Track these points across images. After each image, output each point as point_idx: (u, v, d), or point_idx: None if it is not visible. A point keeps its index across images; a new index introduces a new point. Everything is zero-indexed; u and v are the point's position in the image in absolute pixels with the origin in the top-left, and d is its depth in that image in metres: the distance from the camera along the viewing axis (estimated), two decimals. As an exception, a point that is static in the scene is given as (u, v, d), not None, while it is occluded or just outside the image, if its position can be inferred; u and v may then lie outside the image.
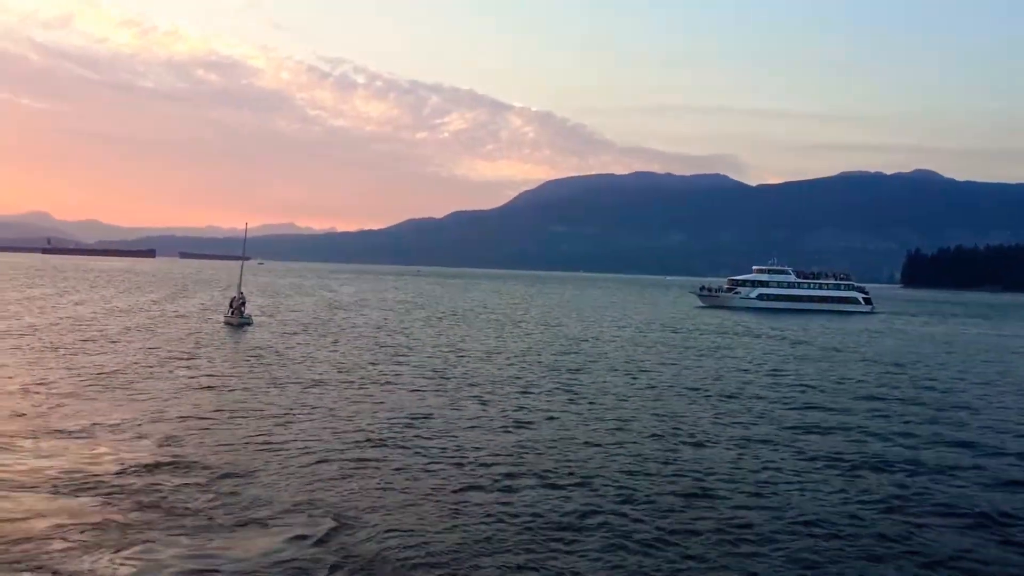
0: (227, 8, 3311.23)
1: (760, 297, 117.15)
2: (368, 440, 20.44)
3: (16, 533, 12.81)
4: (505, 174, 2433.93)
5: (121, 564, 11.88)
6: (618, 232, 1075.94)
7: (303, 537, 13.31)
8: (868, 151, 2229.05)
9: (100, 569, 11.67)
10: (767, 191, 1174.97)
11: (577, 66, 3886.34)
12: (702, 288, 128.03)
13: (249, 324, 51.95)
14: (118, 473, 16.43)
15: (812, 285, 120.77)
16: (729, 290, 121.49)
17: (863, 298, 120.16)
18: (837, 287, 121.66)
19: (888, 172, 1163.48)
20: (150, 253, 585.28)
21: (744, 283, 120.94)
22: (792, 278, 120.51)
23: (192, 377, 29.75)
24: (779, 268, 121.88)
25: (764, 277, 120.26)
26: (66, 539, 12.70)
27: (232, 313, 53.13)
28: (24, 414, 21.81)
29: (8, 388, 25.70)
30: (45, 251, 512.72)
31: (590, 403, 27.42)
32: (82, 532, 13.02)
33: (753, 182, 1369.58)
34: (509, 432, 22.23)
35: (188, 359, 34.78)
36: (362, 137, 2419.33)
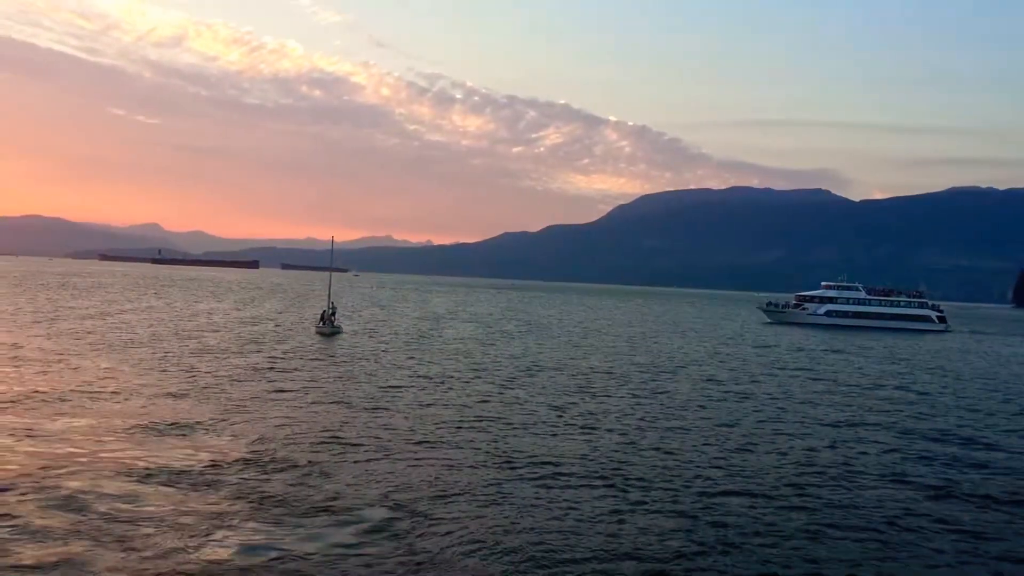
0: (332, 26, 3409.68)
1: (828, 314, 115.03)
2: (440, 441, 21.91)
3: (122, 516, 14.45)
4: (600, 188, 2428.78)
5: (213, 547, 13.31)
6: (713, 248, 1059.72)
7: (375, 529, 14.60)
8: (980, 165, 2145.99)
9: (193, 551, 13.09)
10: (871, 207, 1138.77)
11: (674, 80, 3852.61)
12: (768, 304, 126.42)
13: (339, 333, 54.24)
14: (211, 466, 18.14)
15: (883, 302, 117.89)
16: (796, 306, 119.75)
17: (937, 316, 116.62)
18: (909, 304, 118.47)
19: (1001, 187, 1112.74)
20: (253, 264, 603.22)
21: (812, 299, 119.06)
22: (862, 295, 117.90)
23: (282, 382, 31.72)
24: (848, 284, 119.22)
25: (832, 293, 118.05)
26: (165, 523, 14.27)
27: (323, 323, 55.56)
28: (132, 412, 23.93)
29: (116, 388, 28.04)
30: (155, 261, 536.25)
31: (656, 408, 28.22)
32: (179, 517, 14.59)
33: (856, 197, 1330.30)
34: (579, 436, 23.24)
35: (280, 366, 36.91)
36: (459, 151, 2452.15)
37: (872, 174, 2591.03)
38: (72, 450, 18.85)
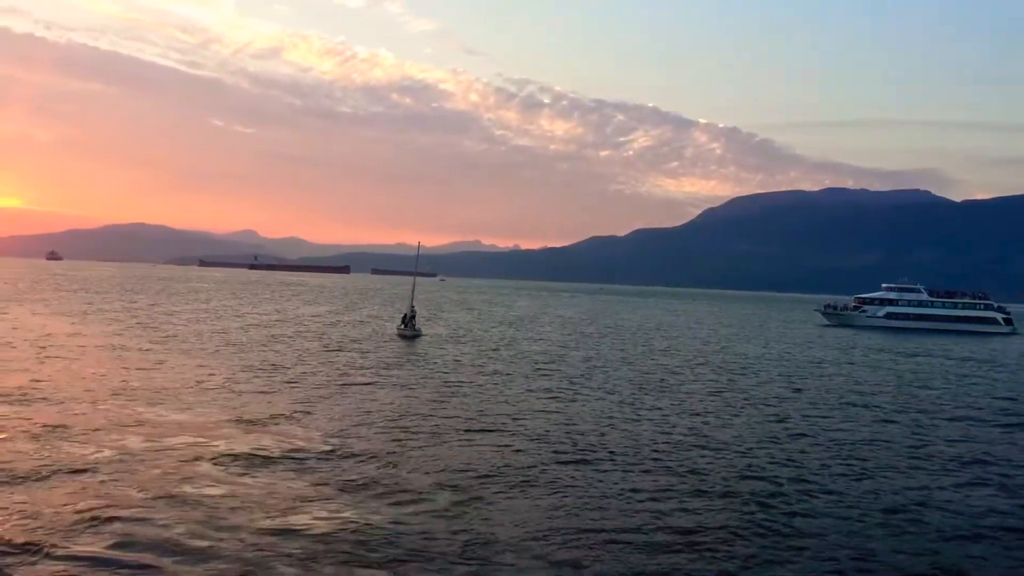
0: (423, 35, 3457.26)
1: (888, 316, 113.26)
2: (504, 432, 23.67)
3: (220, 497, 16.49)
4: (689, 191, 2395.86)
5: (299, 524, 15.12)
6: (806, 251, 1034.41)
7: (440, 510, 16.29)
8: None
9: (282, 527, 14.88)
10: (974, 208, 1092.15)
11: (766, 81, 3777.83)
12: (826, 306, 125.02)
13: (419, 336, 56.63)
14: (297, 453, 20.29)
15: (946, 304, 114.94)
16: (855, 308, 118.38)
17: (1003, 319, 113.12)
18: (974, 306, 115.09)
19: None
20: (345, 269, 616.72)
21: (872, 301, 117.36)
22: (924, 296, 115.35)
23: (361, 380, 34.06)
24: (910, 286, 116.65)
25: (893, 295, 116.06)
26: (258, 503, 16.26)
27: (404, 326, 58.08)
28: (227, 406, 26.50)
29: (211, 384, 30.79)
30: (251, 267, 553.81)
31: (718, 406, 29.47)
32: (268, 498, 16.59)
33: (958, 198, 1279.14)
34: (647, 430, 24.72)
35: (360, 365, 39.39)
36: (546, 156, 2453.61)
37: (974, 173, 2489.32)
38: (176, 439, 21.25)
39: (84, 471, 17.72)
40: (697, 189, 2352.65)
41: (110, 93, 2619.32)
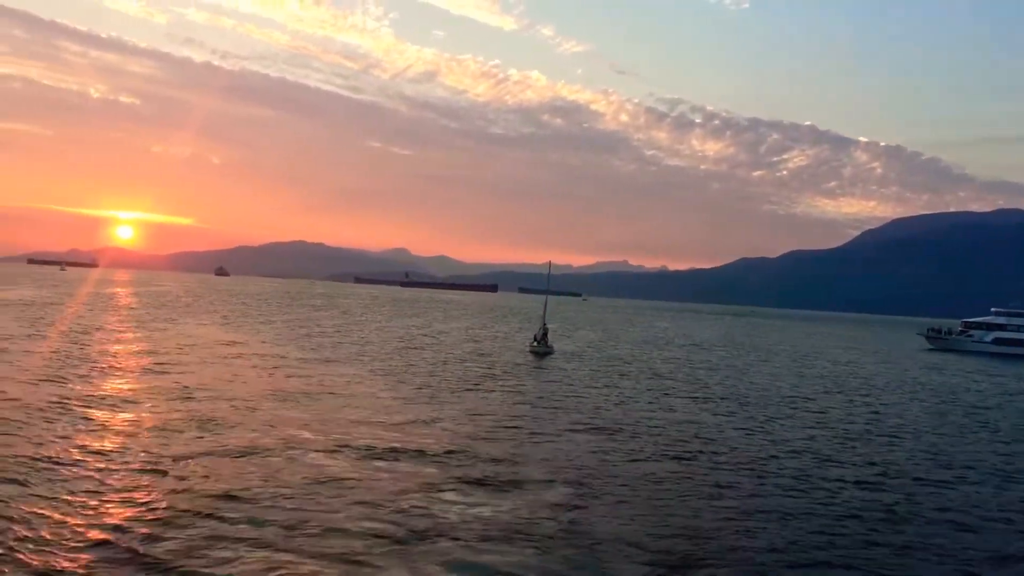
0: (574, 56, 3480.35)
1: (996, 341, 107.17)
2: (619, 439, 25.49)
3: (361, 485, 18.95)
4: (847, 212, 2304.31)
5: (429, 510, 17.28)
6: (973, 274, 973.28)
7: (553, 504, 18.16)
8: None
9: (413, 513, 17.01)
10: None
11: (932, 96, 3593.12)
12: (930, 330, 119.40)
13: (550, 353, 58.88)
14: (429, 451, 22.78)
15: None
16: (962, 333, 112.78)
17: None
18: None
19: None
20: (492, 287, 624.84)
21: (979, 326, 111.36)
22: None
23: (490, 390, 36.71)
24: (1021, 311, 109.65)
25: (1002, 320, 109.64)
26: (395, 491, 18.66)
27: (537, 342, 60.51)
28: (370, 408, 29.64)
29: (360, 392, 34.13)
30: (403, 284, 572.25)
31: (837, 431, 30.29)
32: (402, 486, 19.03)
33: None
34: (756, 445, 26.08)
35: (492, 376, 42.23)
36: (697, 176, 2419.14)
37: None
38: (325, 436, 24.29)
39: (238, 456, 20.88)
40: (856, 210, 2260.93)
41: (277, 117, 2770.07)
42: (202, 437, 22.92)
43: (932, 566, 15.88)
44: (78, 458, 19.78)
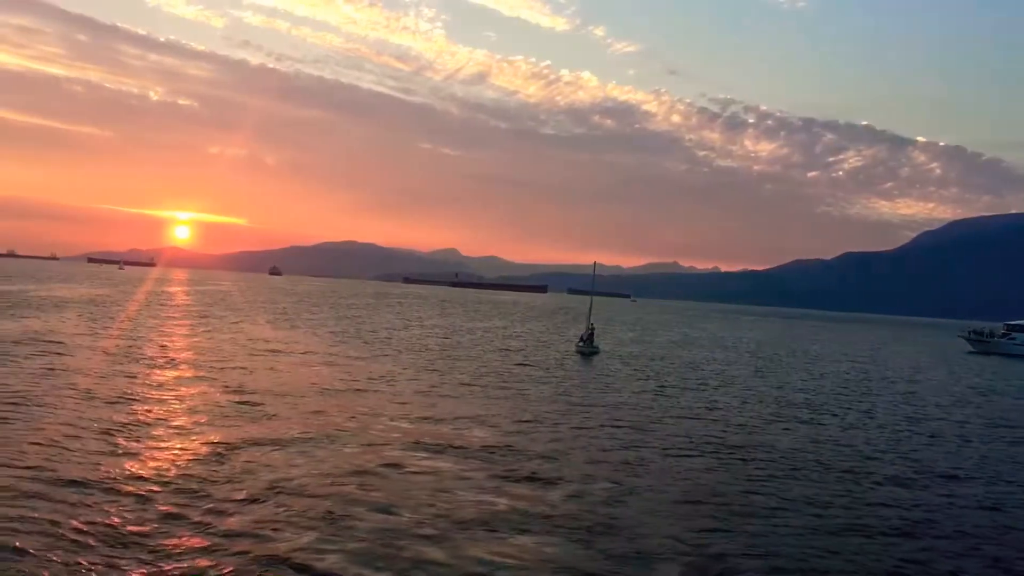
0: (626, 56, 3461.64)
1: None
2: (658, 437, 25.92)
3: (412, 479, 19.74)
4: (904, 214, 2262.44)
5: (468, 498, 18.12)
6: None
7: (593, 497, 18.75)
8: None
9: (459, 506, 17.66)
10: None
11: (997, 95, 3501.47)
12: (971, 332, 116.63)
13: (596, 353, 59.42)
14: (468, 444, 23.53)
15: None
16: (1004, 335, 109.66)
17: None
18: None
19: None
20: (542, 288, 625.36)
21: (1022, 328, 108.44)
22: None
23: (536, 388, 37.33)
24: None
25: None
26: (445, 486, 19.46)
27: (583, 342, 61.12)
28: (416, 404, 30.53)
29: (406, 388, 35.03)
30: (453, 284, 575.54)
31: (871, 431, 30.46)
32: (448, 482, 19.77)
33: None
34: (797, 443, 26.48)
35: (537, 375, 42.85)
36: (749, 177, 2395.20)
37: None
38: (371, 429, 25.19)
39: (289, 445, 21.91)
40: (914, 211, 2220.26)
41: (329, 119, 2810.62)
42: (254, 429, 23.94)
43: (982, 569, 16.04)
44: (144, 444, 21.07)
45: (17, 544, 13.54)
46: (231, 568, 13.23)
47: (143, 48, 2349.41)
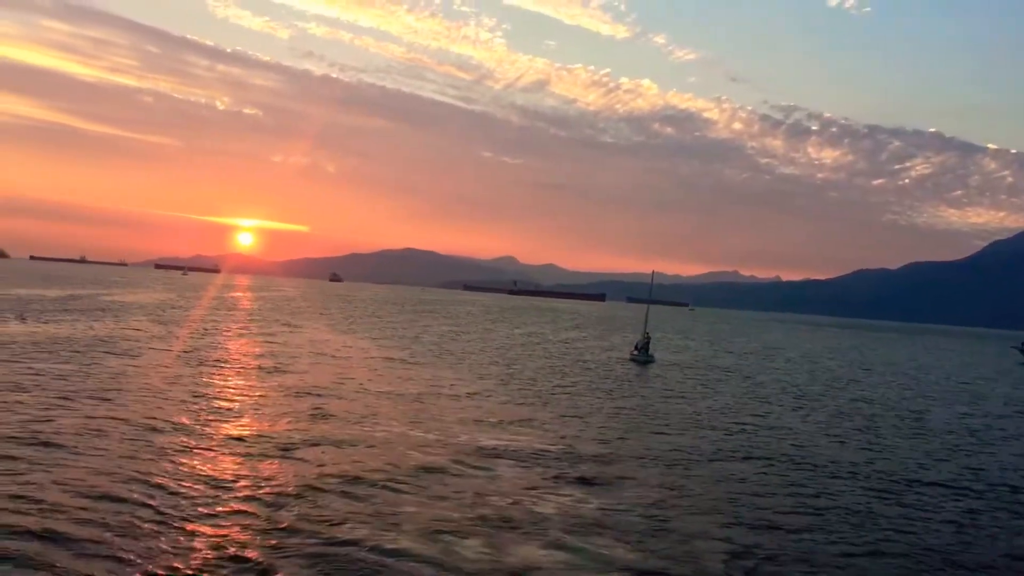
0: (687, 64, 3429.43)
1: None
2: (714, 442, 26.41)
3: (472, 480, 20.49)
4: (974, 222, 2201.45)
5: (522, 499, 18.70)
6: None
7: (645, 500, 19.23)
8: None
9: (511, 501, 18.47)
10: None
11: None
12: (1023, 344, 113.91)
13: (651, 361, 59.69)
14: (525, 448, 24.25)
15: None
16: None
17: None
18: None
19: None
20: (600, 297, 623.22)
21: None
22: None
23: (591, 395, 37.97)
24: None
25: None
26: (502, 488, 20.30)
27: (638, 351, 61.45)
28: (474, 408, 31.50)
29: (464, 392, 35.98)
30: (511, 292, 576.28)
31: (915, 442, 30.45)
32: (506, 485, 20.52)
33: None
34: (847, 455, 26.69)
35: (592, 382, 43.54)
36: (812, 185, 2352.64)
37: None
38: (429, 431, 26.12)
39: (350, 445, 22.91)
40: (984, 220, 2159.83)
41: (390, 128, 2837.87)
42: (318, 427, 25.05)
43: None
44: (215, 441, 22.23)
45: (95, 528, 14.71)
46: (285, 556, 14.02)
47: (211, 59, 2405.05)
